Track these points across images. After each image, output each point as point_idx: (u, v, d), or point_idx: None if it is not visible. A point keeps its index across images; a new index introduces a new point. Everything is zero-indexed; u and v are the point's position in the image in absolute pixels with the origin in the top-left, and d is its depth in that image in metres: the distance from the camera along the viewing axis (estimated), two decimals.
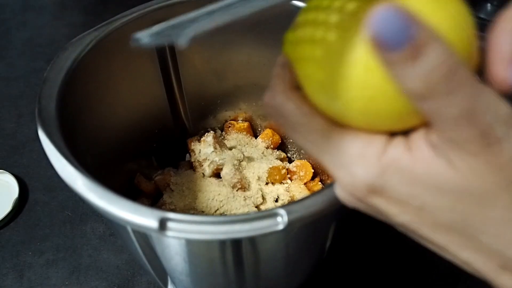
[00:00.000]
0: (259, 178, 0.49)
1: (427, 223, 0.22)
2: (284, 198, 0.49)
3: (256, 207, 0.48)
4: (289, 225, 0.29)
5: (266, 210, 0.30)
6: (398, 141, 0.22)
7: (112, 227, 0.52)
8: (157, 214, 0.29)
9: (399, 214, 0.23)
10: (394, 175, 0.21)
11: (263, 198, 0.49)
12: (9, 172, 0.58)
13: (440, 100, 0.19)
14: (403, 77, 0.19)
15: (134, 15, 0.44)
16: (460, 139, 0.20)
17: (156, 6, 0.45)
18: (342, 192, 0.24)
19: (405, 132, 0.22)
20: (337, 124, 0.23)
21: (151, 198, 0.50)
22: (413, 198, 0.22)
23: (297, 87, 0.24)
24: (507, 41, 0.21)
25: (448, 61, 0.18)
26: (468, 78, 0.19)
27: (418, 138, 0.21)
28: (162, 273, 0.41)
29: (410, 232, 0.24)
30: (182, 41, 0.18)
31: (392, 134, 0.22)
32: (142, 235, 0.35)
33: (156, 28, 0.18)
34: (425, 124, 0.21)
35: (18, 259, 0.52)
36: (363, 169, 0.22)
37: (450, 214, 0.21)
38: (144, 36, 0.18)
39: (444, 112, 0.19)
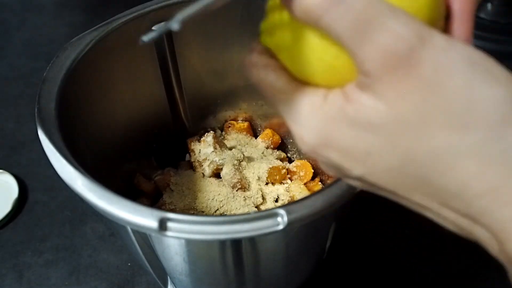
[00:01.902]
0: (259, 178, 0.49)
1: (380, 171, 0.21)
2: (284, 198, 0.49)
3: (256, 207, 0.48)
4: (289, 225, 0.29)
5: (266, 210, 0.30)
6: (335, 91, 0.22)
7: (112, 227, 0.52)
8: (157, 214, 0.29)
9: (352, 167, 0.22)
10: (334, 123, 0.21)
11: (263, 198, 0.49)
12: (9, 172, 0.58)
13: (331, 13, 0.19)
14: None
15: (134, 14, 0.44)
16: (373, 64, 0.19)
17: (156, 6, 0.45)
18: (303, 148, 0.24)
19: None
20: (301, 83, 0.23)
21: (151, 198, 0.50)
22: (357, 143, 0.21)
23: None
24: None
25: None
26: None
27: (351, 83, 0.21)
28: (162, 273, 0.41)
29: (372, 189, 0.23)
30: (174, 25, 0.19)
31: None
32: (142, 235, 0.35)
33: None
34: None
35: (18, 259, 0.52)
36: (309, 122, 0.22)
37: (394, 152, 0.20)
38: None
39: (341, 25, 0.19)
